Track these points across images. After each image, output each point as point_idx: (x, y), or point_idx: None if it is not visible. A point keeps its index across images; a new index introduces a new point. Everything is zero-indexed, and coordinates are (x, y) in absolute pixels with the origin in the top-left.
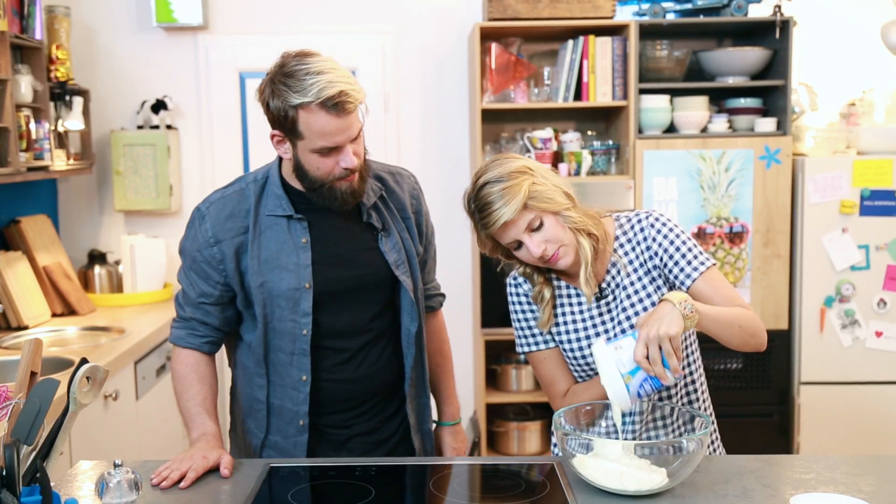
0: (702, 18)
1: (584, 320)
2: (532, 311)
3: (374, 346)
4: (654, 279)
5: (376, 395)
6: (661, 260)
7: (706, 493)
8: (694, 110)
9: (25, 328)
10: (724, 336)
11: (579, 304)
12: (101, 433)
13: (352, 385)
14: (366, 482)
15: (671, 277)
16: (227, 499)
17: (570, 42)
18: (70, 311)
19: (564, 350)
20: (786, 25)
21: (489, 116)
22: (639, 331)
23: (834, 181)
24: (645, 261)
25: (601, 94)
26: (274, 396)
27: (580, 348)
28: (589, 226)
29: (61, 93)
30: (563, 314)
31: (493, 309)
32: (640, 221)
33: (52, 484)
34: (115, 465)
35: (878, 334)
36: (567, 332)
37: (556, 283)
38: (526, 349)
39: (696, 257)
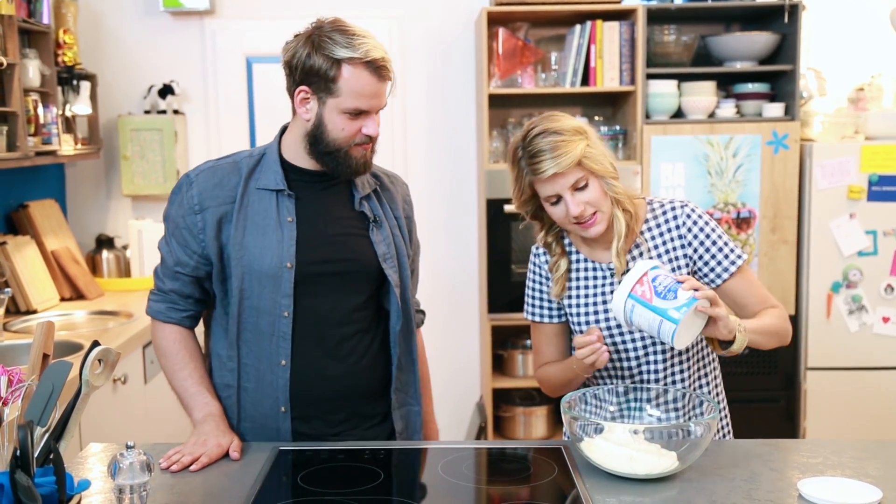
0: (710, 3)
1: (595, 294)
2: (546, 283)
3: (358, 341)
4: (676, 269)
5: (360, 396)
6: (696, 251)
7: (714, 477)
8: (701, 95)
9: (34, 312)
10: (762, 344)
11: (594, 277)
12: (109, 417)
13: (334, 382)
14: (375, 465)
15: (705, 270)
16: (238, 481)
17: (578, 27)
18: (78, 295)
19: (573, 322)
20: (794, 10)
21: (496, 102)
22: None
23: (842, 166)
24: (671, 249)
25: (608, 80)
26: (246, 380)
27: (587, 322)
28: (626, 201)
29: (69, 77)
30: (577, 287)
31: (500, 294)
32: (673, 209)
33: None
34: (128, 447)
35: (886, 320)
36: (577, 306)
37: (574, 255)
38: (529, 317)
39: (732, 251)
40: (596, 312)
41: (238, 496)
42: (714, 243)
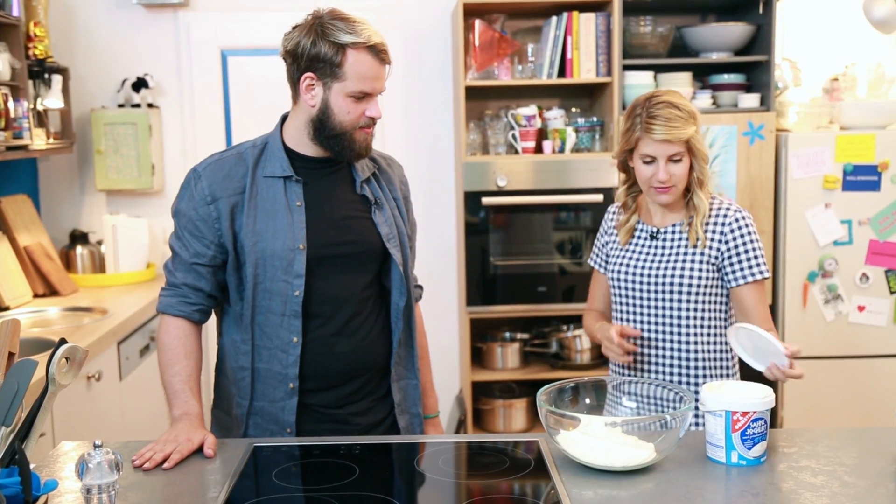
0: None
1: (631, 249)
2: (611, 237)
3: (365, 319)
4: (702, 261)
5: (366, 371)
6: (729, 250)
7: (690, 467)
8: (678, 86)
9: (6, 309)
10: None
11: (637, 236)
12: (84, 414)
13: (343, 358)
14: (350, 461)
15: (728, 270)
16: (211, 478)
17: (554, 18)
18: (52, 291)
19: (609, 269)
20: (769, 0)
21: (473, 93)
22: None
23: (817, 156)
24: (710, 240)
25: (585, 71)
26: (259, 361)
27: (617, 270)
28: (707, 185)
29: (40, 71)
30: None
31: (478, 287)
32: (728, 210)
33: (32, 465)
34: (96, 446)
35: (861, 309)
36: (616, 257)
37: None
38: (591, 262)
39: (757, 265)
40: (628, 265)
41: (211, 494)
42: (746, 252)
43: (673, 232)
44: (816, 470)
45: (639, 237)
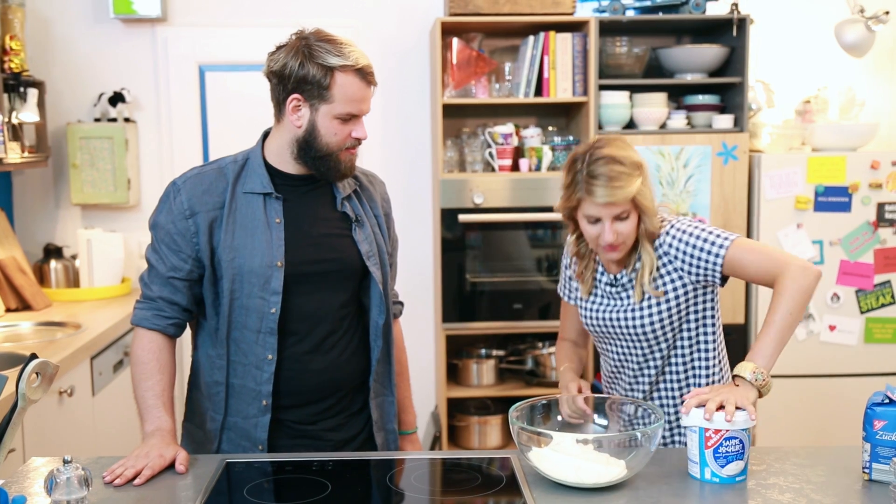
0: (661, 16)
1: (595, 294)
2: (573, 272)
3: (341, 336)
4: (668, 299)
5: (341, 388)
6: (683, 262)
7: (659, 485)
8: (653, 107)
9: None
10: (788, 340)
11: (600, 281)
12: (55, 429)
13: (318, 376)
14: (322, 477)
15: (700, 270)
16: (183, 495)
17: (531, 38)
18: (25, 306)
19: (579, 307)
20: (742, 23)
21: (450, 111)
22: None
23: (789, 177)
24: (664, 272)
25: (561, 90)
26: (234, 376)
27: (586, 316)
28: (655, 234)
29: (15, 84)
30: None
31: (455, 304)
32: (667, 233)
33: (0, 481)
34: (65, 462)
35: (832, 328)
36: (584, 300)
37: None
38: (559, 292)
39: (717, 237)
40: (595, 311)
41: None
42: (694, 245)
43: (633, 272)
44: (784, 487)
45: (599, 282)
